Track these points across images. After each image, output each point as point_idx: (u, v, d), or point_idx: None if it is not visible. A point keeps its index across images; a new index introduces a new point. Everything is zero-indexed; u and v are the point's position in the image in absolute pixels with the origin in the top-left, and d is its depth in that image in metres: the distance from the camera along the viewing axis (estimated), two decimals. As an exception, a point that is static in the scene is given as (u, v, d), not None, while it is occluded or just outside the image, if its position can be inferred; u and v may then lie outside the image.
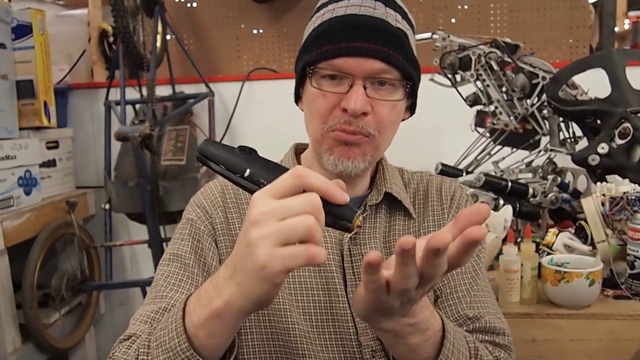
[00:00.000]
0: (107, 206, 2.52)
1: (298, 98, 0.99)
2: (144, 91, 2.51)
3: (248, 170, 0.67)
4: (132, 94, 2.58)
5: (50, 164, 2.46)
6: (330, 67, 0.88)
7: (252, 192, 0.65)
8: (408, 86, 0.90)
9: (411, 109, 0.99)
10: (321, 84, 0.89)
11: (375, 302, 0.67)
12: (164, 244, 2.41)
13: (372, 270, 0.63)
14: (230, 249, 0.93)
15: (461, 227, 0.62)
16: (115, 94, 2.53)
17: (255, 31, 2.83)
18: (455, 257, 0.63)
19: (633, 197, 1.45)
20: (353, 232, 0.67)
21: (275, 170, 0.66)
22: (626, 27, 3.32)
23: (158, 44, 2.52)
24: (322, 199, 0.61)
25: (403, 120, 0.98)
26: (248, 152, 0.68)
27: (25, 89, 2.26)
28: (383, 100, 0.89)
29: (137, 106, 2.62)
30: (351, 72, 0.87)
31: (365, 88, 0.87)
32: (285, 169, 0.65)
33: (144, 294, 2.50)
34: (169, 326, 0.70)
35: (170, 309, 0.85)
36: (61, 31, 2.73)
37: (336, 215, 0.63)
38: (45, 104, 2.32)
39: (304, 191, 0.61)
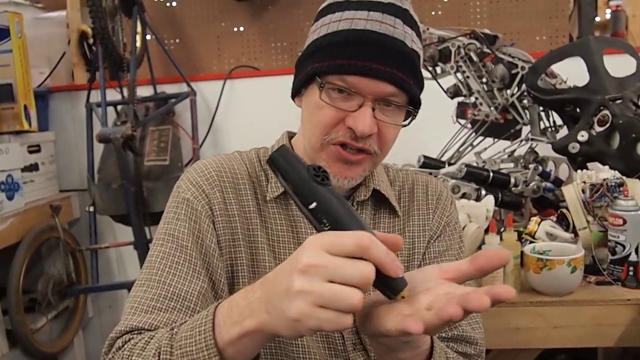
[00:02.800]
0: (92, 209, 2.50)
1: (296, 93, 0.96)
2: (125, 92, 2.50)
3: (315, 204, 0.64)
4: (113, 95, 2.56)
5: (33, 168, 2.43)
6: (341, 83, 0.87)
7: (310, 223, 0.65)
8: (415, 114, 0.91)
9: None
10: (329, 95, 0.88)
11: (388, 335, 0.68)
12: (150, 245, 2.40)
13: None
14: (227, 230, 0.91)
15: (479, 266, 0.65)
16: (96, 96, 2.50)
17: (235, 29, 2.82)
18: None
19: (613, 184, 1.46)
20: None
21: (342, 212, 0.64)
22: (607, 16, 3.34)
23: (138, 44, 2.51)
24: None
25: None
26: (321, 179, 0.65)
27: (4, 93, 2.25)
28: (389, 124, 0.89)
29: (119, 107, 2.61)
30: (363, 92, 0.86)
31: (373, 110, 0.87)
32: (351, 215, 0.64)
33: (132, 296, 2.48)
34: (196, 336, 0.68)
35: (171, 297, 0.82)
36: (40, 34, 2.71)
37: (386, 284, 0.62)
38: (25, 107, 2.30)
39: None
